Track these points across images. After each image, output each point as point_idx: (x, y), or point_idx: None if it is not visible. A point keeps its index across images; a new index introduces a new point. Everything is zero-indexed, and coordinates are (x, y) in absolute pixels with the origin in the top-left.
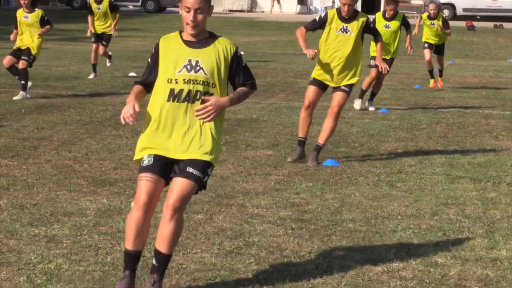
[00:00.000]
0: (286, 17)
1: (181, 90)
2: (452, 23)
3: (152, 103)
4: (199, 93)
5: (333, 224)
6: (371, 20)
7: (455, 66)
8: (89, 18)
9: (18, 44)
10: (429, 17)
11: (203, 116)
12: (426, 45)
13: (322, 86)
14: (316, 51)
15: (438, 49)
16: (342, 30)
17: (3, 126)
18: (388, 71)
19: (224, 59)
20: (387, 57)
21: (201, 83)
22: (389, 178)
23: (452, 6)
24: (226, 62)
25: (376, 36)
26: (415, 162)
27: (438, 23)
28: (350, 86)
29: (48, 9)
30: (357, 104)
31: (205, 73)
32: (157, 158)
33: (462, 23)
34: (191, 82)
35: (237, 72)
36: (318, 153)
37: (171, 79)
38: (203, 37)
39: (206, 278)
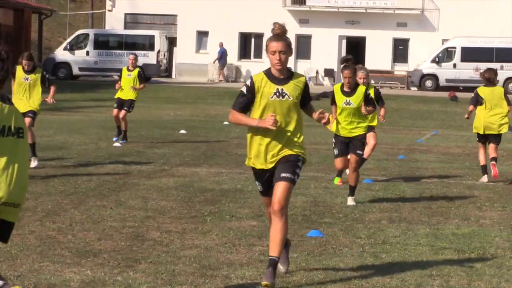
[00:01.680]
0: None
1: None
2: (435, 94)
3: None
4: None
5: None
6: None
7: (438, 136)
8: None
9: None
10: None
11: None
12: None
13: (268, 180)
14: (274, 115)
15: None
16: (277, 94)
17: None
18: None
19: None
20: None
21: None
22: (373, 249)
23: (435, 77)
24: None
25: (308, 106)
26: (399, 233)
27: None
28: (294, 169)
29: None
30: (350, 201)
31: None
32: None
33: (445, 94)
34: None
35: None
36: (274, 269)
37: None
38: None
39: None
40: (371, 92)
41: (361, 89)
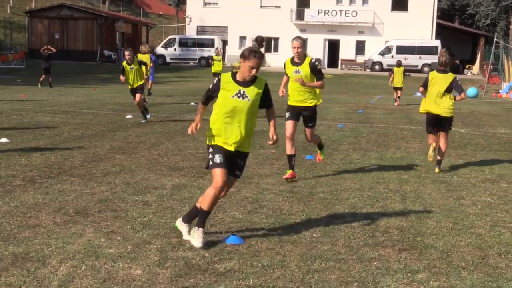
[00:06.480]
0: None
1: None
2: (380, 73)
3: None
4: None
5: (311, 194)
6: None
7: (383, 99)
8: None
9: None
10: (293, 62)
11: None
12: (288, 114)
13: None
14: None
15: (307, 119)
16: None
17: (118, 135)
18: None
19: None
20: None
21: None
22: (344, 167)
23: (380, 63)
24: None
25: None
26: (359, 156)
27: (304, 69)
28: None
29: None
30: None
31: None
32: None
33: (386, 73)
34: None
35: None
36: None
37: None
38: None
39: (236, 228)
40: (307, 62)
41: (308, 59)
